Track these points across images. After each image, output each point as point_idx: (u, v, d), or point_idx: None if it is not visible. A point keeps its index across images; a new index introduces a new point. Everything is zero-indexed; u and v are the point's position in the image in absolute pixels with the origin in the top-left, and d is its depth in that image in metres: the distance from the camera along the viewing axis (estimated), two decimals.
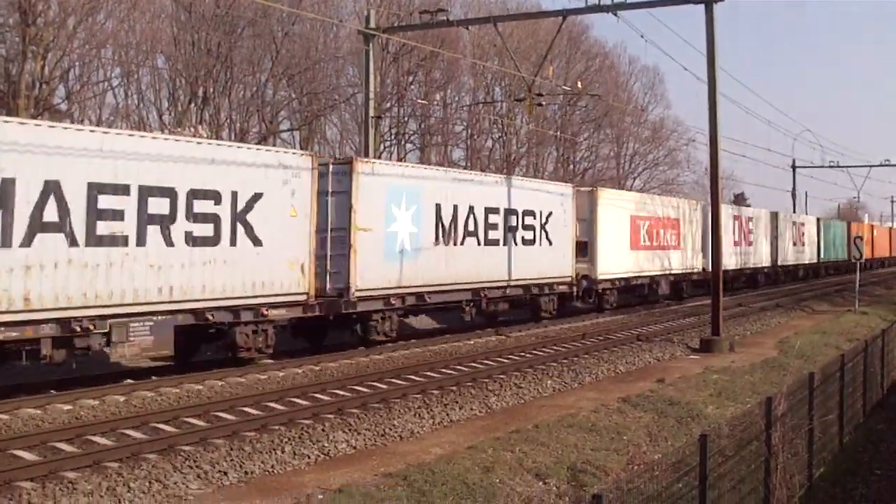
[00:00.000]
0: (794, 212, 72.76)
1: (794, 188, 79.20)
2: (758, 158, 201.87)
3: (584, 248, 33.70)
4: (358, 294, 22.93)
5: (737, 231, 48.61)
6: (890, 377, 21.10)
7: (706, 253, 40.12)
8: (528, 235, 30.06)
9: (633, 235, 36.93)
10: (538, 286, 30.80)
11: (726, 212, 44.91)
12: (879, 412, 18.65)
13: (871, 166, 79.29)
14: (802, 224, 63.02)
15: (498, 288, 28.66)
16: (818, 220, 68.16)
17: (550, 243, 31.25)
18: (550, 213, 31.36)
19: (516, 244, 29.36)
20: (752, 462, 10.68)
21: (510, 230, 29.08)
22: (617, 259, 35.44)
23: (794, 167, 78.07)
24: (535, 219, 30.46)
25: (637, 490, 8.16)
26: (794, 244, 60.40)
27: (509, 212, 29.07)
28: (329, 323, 23.66)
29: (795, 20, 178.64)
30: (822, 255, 66.85)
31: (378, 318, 24.12)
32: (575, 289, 33.00)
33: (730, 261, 45.27)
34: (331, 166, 23.04)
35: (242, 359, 20.39)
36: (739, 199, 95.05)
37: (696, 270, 42.93)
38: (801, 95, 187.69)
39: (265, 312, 20.42)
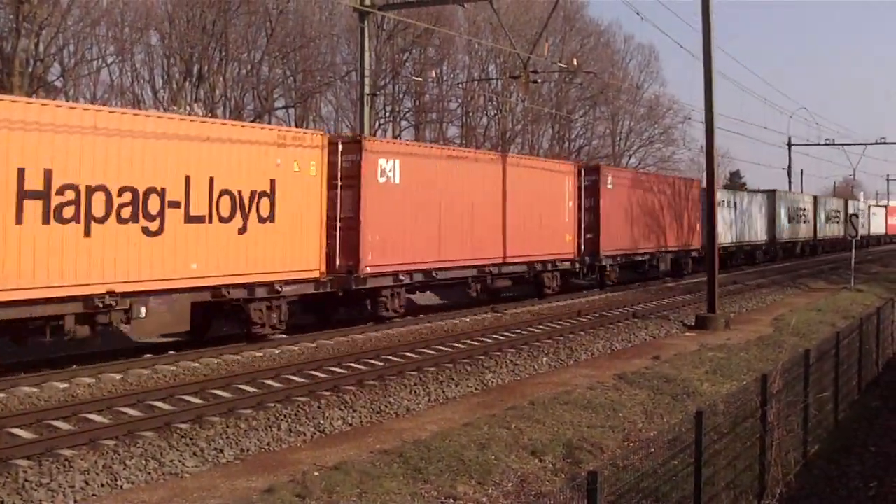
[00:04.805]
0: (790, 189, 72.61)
1: (789, 166, 79.23)
2: (753, 136, 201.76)
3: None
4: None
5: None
6: (885, 355, 21.14)
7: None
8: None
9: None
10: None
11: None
12: (874, 389, 18.68)
13: (866, 144, 79.36)
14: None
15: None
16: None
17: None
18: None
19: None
20: (747, 439, 10.69)
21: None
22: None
23: (789, 145, 78.04)
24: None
25: (633, 467, 8.18)
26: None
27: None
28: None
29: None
30: None
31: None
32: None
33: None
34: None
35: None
36: (735, 177, 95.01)
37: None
38: (797, 74, 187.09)
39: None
